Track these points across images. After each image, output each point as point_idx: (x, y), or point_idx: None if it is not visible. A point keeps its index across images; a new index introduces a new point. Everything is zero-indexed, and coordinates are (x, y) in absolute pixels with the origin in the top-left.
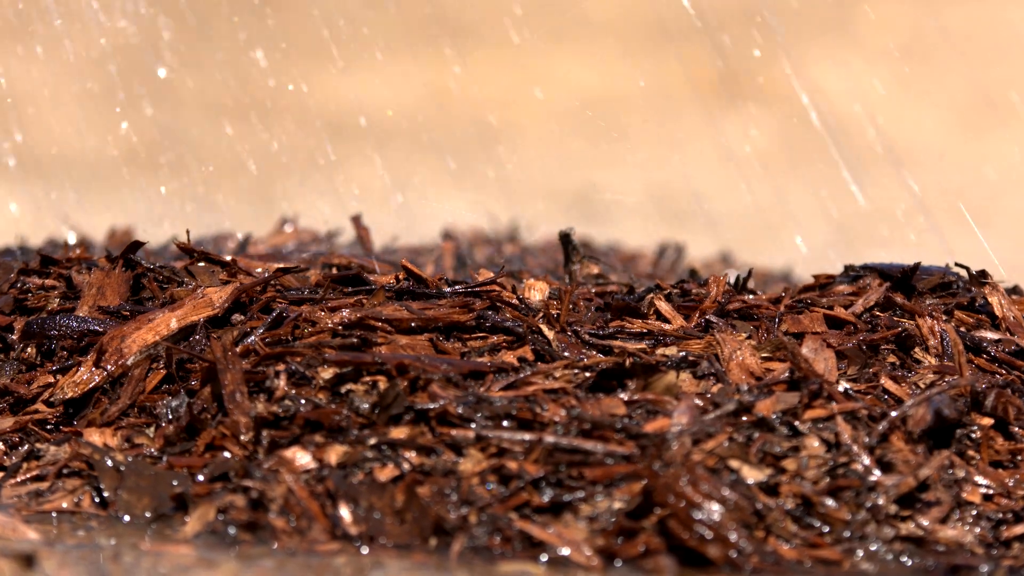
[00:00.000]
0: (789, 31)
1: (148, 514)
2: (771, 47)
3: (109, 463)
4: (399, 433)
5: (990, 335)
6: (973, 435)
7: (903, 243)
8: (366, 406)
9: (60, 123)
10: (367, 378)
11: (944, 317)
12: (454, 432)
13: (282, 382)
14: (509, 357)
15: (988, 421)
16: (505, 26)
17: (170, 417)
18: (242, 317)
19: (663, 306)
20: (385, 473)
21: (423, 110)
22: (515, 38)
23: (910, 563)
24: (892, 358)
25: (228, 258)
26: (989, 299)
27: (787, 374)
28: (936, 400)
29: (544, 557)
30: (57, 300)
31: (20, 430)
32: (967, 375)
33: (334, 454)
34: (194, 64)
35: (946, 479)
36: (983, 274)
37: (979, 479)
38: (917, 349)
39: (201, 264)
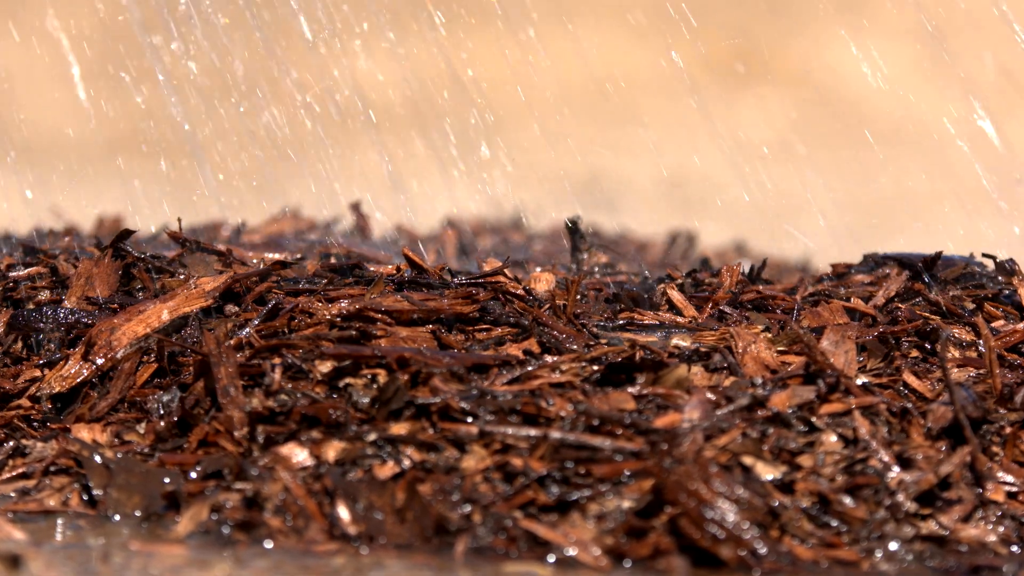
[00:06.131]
0: (805, 10)
1: (139, 513)
2: (787, 27)
3: (98, 460)
4: (399, 429)
5: (1020, 327)
6: (1000, 431)
7: (923, 230)
8: (365, 401)
9: (46, 106)
10: (366, 372)
11: (972, 307)
12: (457, 428)
13: (278, 376)
14: (514, 350)
15: (1015, 417)
16: (512, 5)
17: (161, 412)
18: (236, 308)
19: (675, 296)
20: (385, 470)
21: (425, 93)
22: (521, 17)
23: (931, 563)
24: (914, 352)
25: (222, 247)
26: (1018, 290)
27: (804, 368)
28: (959, 398)
29: (551, 557)
30: (45, 291)
31: (5, 426)
32: (997, 371)
33: (332, 450)
34: (188, 46)
35: (969, 477)
36: (1010, 264)
37: (1003, 476)
38: (939, 343)
39: (194, 253)
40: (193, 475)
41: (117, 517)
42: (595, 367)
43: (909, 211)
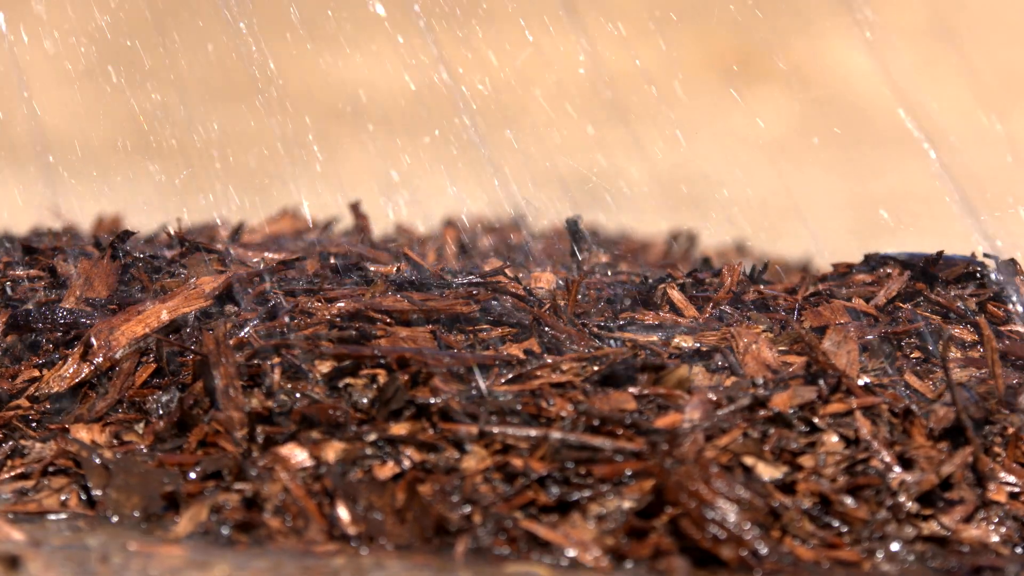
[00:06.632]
0: (808, 9)
1: (138, 514)
2: (789, 26)
3: (97, 461)
4: (399, 429)
5: (1021, 329)
6: (1002, 431)
7: (926, 230)
8: (365, 401)
9: (45, 105)
10: (366, 372)
11: (975, 309)
12: (457, 428)
13: (277, 376)
14: (514, 350)
15: (1017, 418)
16: (513, 3)
17: (161, 412)
18: (236, 308)
19: (676, 296)
20: (385, 471)
21: (425, 92)
22: (522, 16)
23: (933, 564)
24: (916, 352)
25: (221, 247)
26: (1022, 290)
27: (805, 368)
28: (960, 398)
29: (551, 558)
30: (43, 291)
31: (4, 426)
32: (999, 371)
33: (332, 451)
34: (187, 45)
35: (971, 477)
36: (1012, 263)
37: (1006, 477)
38: (940, 343)
39: (193, 253)
40: (192, 476)
41: (116, 518)
42: (596, 367)
43: (911, 210)
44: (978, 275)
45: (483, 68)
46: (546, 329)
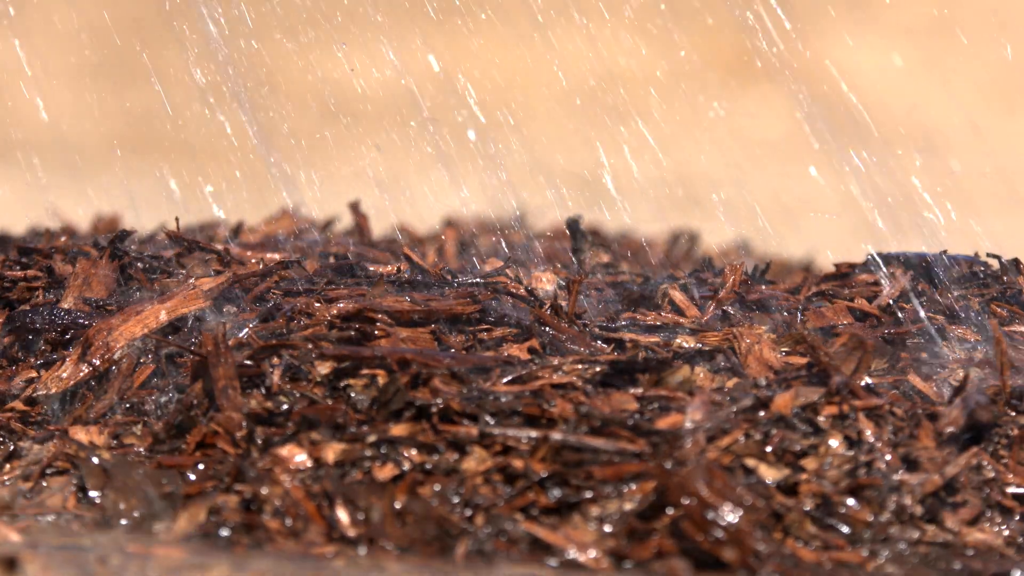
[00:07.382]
0: (810, 7)
1: (136, 515)
2: (792, 24)
3: (95, 462)
4: (399, 430)
5: None
6: (1007, 433)
7: (929, 230)
8: (365, 402)
9: (42, 103)
10: (366, 372)
11: (978, 309)
12: (457, 429)
13: (277, 377)
14: (515, 350)
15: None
16: (512, 1)
17: (159, 414)
18: (235, 309)
19: (677, 296)
20: (385, 472)
21: (425, 91)
22: (522, 15)
23: (937, 566)
24: (922, 353)
25: (220, 247)
26: None
27: (807, 368)
28: (971, 400)
29: (552, 560)
30: (41, 291)
31: (2, 428)
32: (1007, 372)
33: (331, 452)
34: (184, 42)
35: (975, 480)
36: (1016, 263)
37: (1011, 479)
38: (944, 343)
39: (192, 253)
40: (191, 477)
41: (114, 519)
42: (597, 368)
43: (914, 210)
44: (981, 275)
45: (485, 67)
46: (547, 329)
